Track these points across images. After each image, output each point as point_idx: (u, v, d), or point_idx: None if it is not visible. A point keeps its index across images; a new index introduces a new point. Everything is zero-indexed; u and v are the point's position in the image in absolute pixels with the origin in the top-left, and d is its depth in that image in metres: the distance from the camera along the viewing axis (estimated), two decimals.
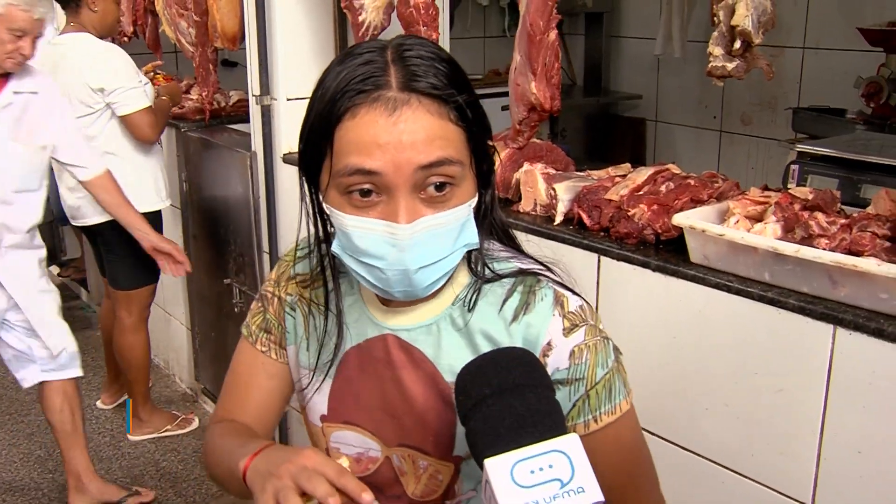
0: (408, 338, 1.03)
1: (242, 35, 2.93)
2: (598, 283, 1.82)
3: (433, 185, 0.91)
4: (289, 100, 2.73)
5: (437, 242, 0.93)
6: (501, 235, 1.07)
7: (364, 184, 0.91)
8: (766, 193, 1.72)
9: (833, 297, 1.46)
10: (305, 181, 0.99)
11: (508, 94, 2.09)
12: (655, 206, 1.78)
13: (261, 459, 0.93)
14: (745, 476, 1.62)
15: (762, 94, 4.09)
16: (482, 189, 1.00)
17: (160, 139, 3.29)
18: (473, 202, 0.96)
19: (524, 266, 1.04)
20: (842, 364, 1.44)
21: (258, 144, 2.87)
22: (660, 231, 1.76)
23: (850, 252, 1.48)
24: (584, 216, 1.87)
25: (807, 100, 3.84)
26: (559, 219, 1.93)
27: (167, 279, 3.41)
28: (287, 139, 2.77)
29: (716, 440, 1.66)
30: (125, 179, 2.95)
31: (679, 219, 1.68)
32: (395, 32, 1.78)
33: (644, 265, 1.72)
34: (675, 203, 1.79)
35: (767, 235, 1.56)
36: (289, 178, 2.78)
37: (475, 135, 0.96)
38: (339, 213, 0.94)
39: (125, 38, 3.74)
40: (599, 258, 1.81)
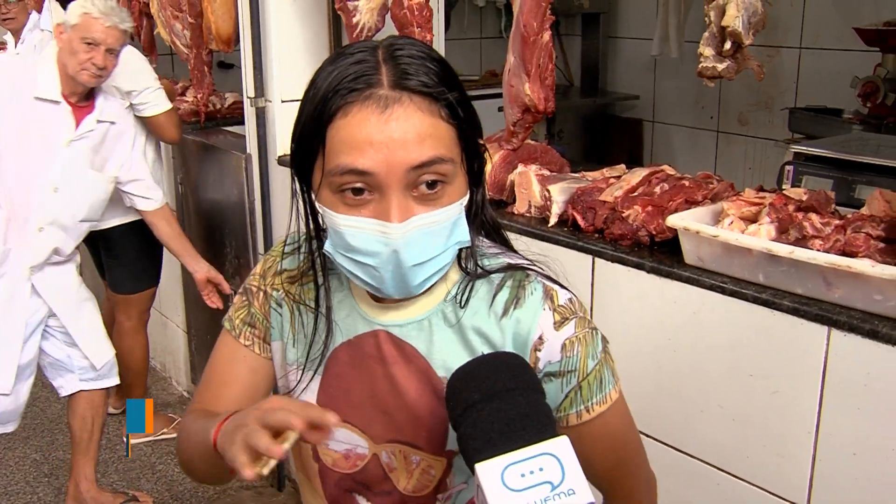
0: (399, 334, 1.03)
1: (237, 37, 2.93)
2: (593, 285, 1.82)
3: (425, 184, 0.91)
4: (283, 102, 2.72)
5: (430, 240, 0.93)
6: (492, 232, 1.08)
7: (356, 183, 0.91)
8: (761, 194, 1.72)
9: (827, 299, 1.46)
10: (297, 180, 0.99)
11: None
12: (650, 208, 1.78)
13: (229, 423, 0.92)
14: (740, 478, 1.62)
15: (759, 95, 4.08)
16: (473, 187, 1.00)
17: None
18: (465, 200, 0.97)
19: (513, 261, 1.04)
20: (836, 365, 1.44)
21: (253, 146, 2.87)
22: (654, 232, 1.76)
23: (845, 253, 1.48)
24: (579, 218, 1.87)
25: (803, 100, 3.83)
26: (553, 220, 1.93)
27: (165, 281, 3.40)
28: (282, 141, 2.76)
29: (710, 442, 1.66)
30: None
31: (673, 220, 1.68)
32: (389, 34, 1.77)
33: (638, 267, 1.72)
34: (670, 204, 1.79)
35: (762, 237, 1.56)
36: (284, 181, 2.78)
37: (466, 133, 0.96)
38: (332, 213, 0.93)
39: None
40: (594, 260, 1.80)
